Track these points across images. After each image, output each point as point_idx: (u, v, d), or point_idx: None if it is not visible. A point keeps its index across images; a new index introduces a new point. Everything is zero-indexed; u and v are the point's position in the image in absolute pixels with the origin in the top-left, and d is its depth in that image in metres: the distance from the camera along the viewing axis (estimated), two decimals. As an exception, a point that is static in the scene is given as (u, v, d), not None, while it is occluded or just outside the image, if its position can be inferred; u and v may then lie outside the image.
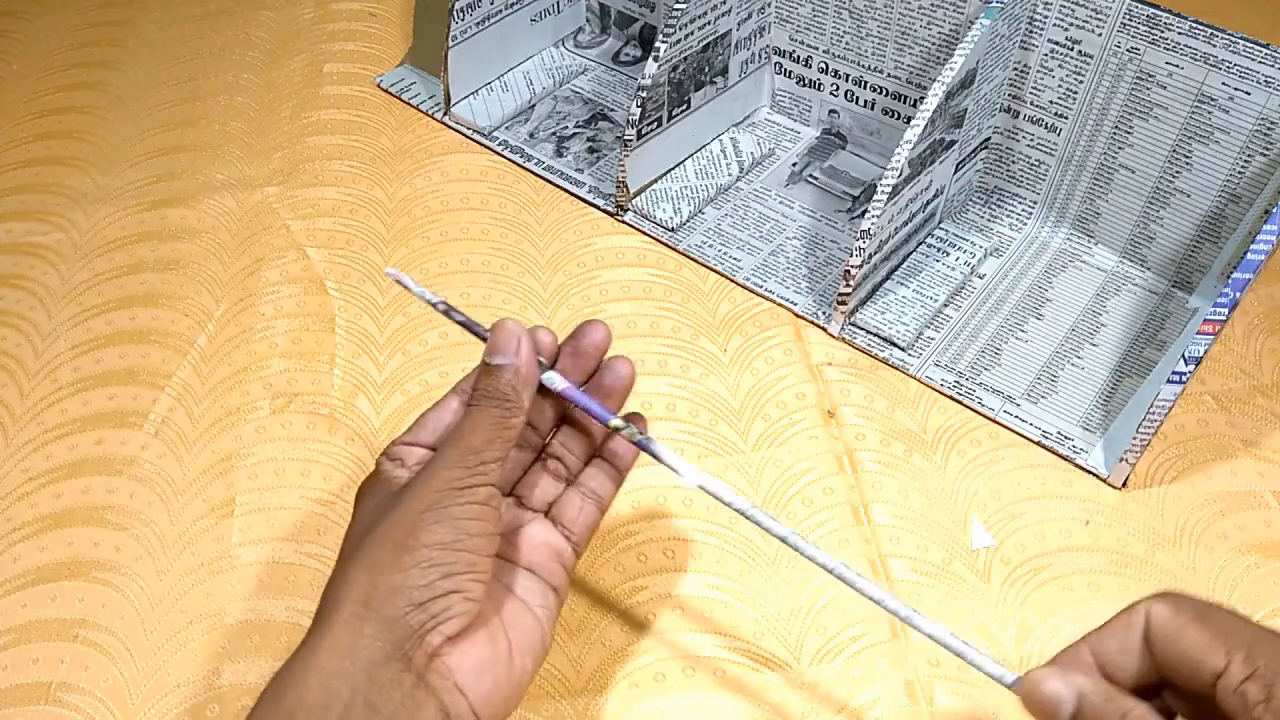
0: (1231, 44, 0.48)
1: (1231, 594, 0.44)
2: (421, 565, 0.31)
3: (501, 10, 0.66)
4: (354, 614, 0.31)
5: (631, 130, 0.57)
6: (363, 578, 0.31)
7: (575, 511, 0.38)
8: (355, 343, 0.55)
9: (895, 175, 0.50)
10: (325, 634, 0.31)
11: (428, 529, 0.32)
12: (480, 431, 0.33)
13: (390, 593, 0.31)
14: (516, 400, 0.34)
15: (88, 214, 0.62)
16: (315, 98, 0.70)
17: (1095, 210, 0.57)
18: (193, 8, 0.79)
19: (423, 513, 0.32)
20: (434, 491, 0.32)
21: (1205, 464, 0.48)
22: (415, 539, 0.31)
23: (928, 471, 0.48)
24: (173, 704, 0.41)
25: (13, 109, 0.71)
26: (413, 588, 0.31)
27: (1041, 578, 0.45)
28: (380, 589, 0.31)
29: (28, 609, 0.44)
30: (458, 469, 0.33)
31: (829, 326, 0.54)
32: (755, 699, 0.41)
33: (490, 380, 0.34)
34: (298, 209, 0.62)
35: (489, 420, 0.34)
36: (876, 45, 0.59)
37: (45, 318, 0.56)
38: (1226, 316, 0.44)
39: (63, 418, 0.51)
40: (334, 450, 0.50)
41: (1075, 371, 0.52)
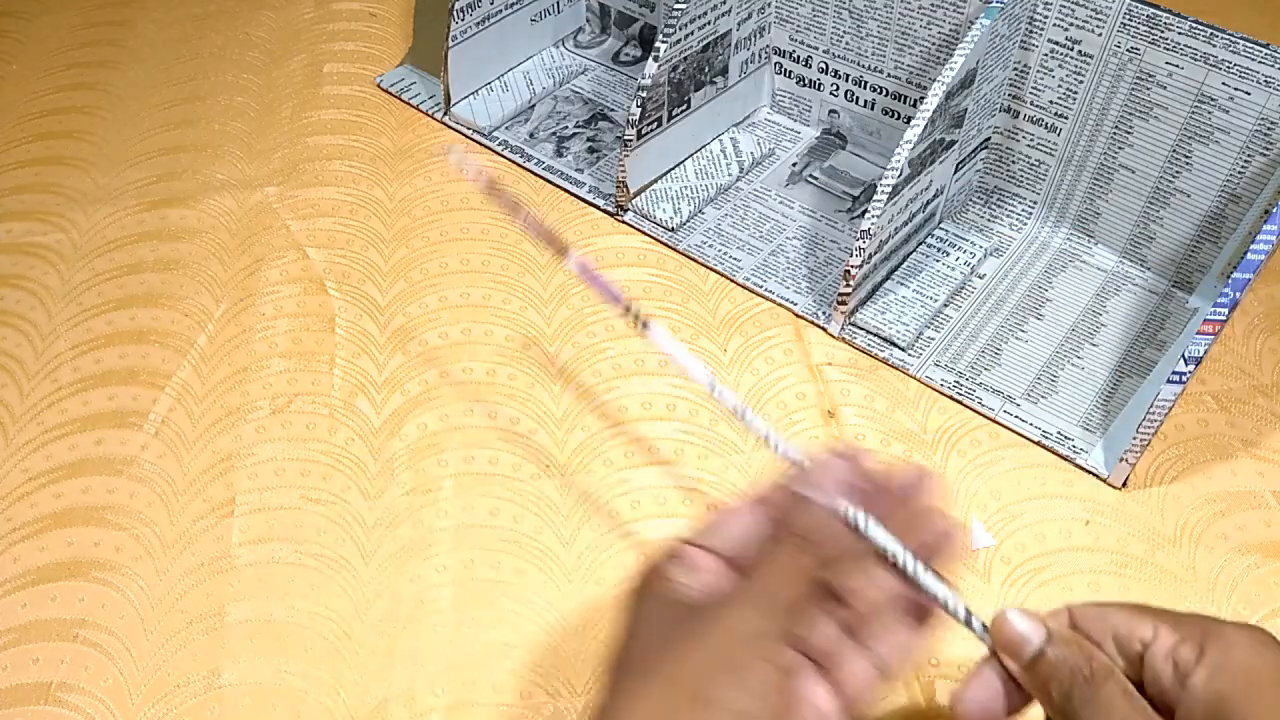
0: (1231, 44, 0.48)
1: (1231, 594, 0.44)
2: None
3: (501, 10, 0.66)
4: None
5: (631, 130, 0.57)
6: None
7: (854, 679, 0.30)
8: (355, 343, 0.55)
9: (895, 175, 0.50)
10: None
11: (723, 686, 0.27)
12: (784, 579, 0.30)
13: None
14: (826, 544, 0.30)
15: (88, 214, 0.62)
16: (315, 98, 0.70)
17: (1095, 210, 0.57)
18: (193, 8, 0.79)
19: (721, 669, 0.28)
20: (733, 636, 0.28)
21: (1205, 464, 0.48)
22: (710, 693, 0.27)
23: (928, 471, 0.48)
24: (173, 704, 0.41)
25: (13, 109, 0.71)
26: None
27: (1041, 578, 0.45)
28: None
29: (28, 609, 0.44)
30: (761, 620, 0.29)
31: (829, 326, 0.54)
32: None
33: (799, 519, 0.30)
34: (298, 209, 0.62)
35: (794, 567, 0.30)
36: (876, 45, 0.59)
37: (45, 318, 0.56)
38: (1226, 316, 0.44)
39: (63, 418, 0.51)
40: (334, 450, 0.50)
41: (1075, 371, 0.52)
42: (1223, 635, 0.27)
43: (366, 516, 0.47)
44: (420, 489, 0.48)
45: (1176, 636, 0.28)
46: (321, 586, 0.45)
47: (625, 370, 0.53)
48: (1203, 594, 0.44)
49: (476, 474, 0.49)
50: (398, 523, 0.47)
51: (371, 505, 0.48)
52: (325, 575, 0.45)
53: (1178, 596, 0.44)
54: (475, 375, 0.53)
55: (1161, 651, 0.28)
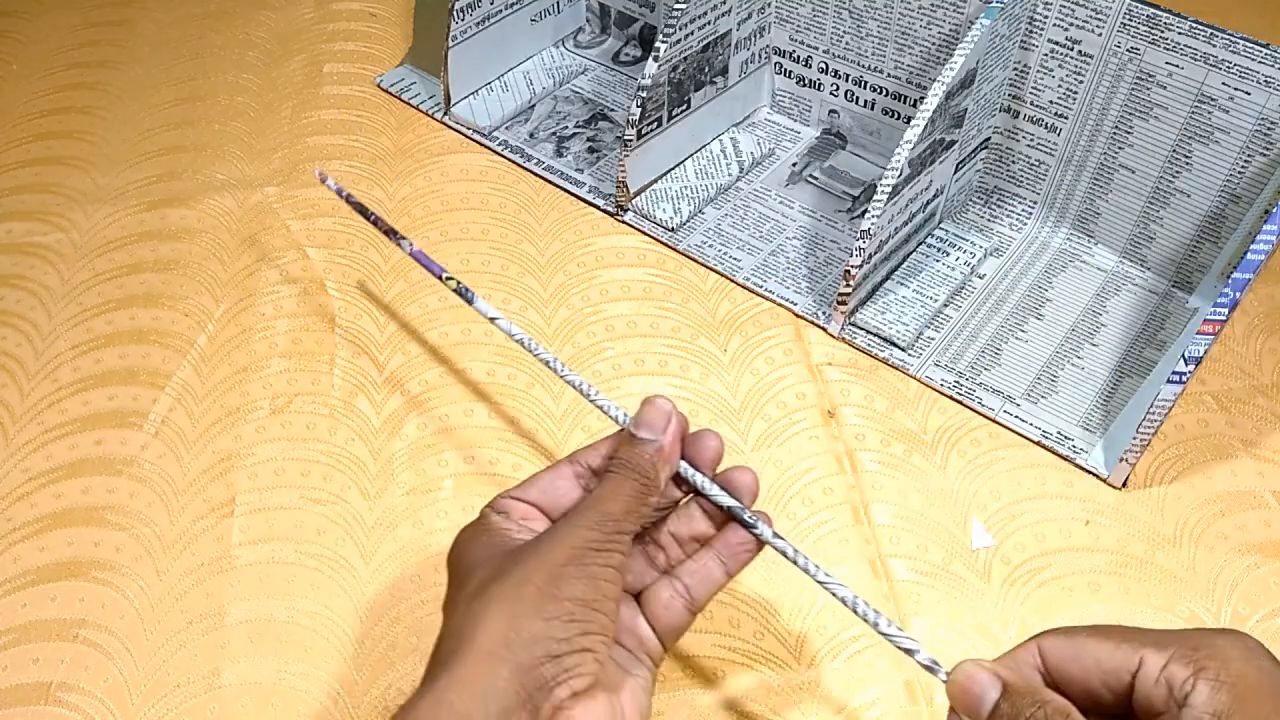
0: (1231, 44, 0.48)
1: (1231, 594, 0.44)
2: (563, 618, 0.31)
3: (501, 10, 0.66)
4: (490, 654, 0.30)
5: (631, 130, 0.57)
6: (500, 620, 0.31)
7: (664, 608, 0.36)
8: (355, 343, 0.55)
9: (895, 175, 0.50)
10: (456, 672, 0.30)
11: (570, 582, 0.31)
12: (619, 500, 0.34)
13: (531, 640, 0.30)
14: (655, 477, 0.35)
15: (88, 214, 0.62)
16: (315, 98, 0.70)
17: (1095, 210, 0.57)
18: (193, 8, 0.79)
19: (564, 565, 0.32)
20: (573, 548, 0.32)
21: (1205, 464, 0.48)
22: (559, 589, 0.31)
23: (928, 471, 0.48)
24: (173, 704, 0.41)
25: (13, 109, 0.71)
26: (553, 639, 0.30)
27: (1041, 578, 0.45)
28: (521, 634, 0.30)
29: (28, 609, 0.44)
30: (595, 531, 0.33)
31: (829, 326, 0.54)
32: (755, 699, 0.41)
33: (634, 453, 0.35)
34: (298, 209, 0.62)
35: (628, 490, 0.34)
36: (876, 45, 0.59)
37: (45, 318, 0.56)
38: (1226, 316, 0.44)
39: (63, 418, 0.51)
40: (334, 450, 0.50)
41: (1075, 371, 0.52)
42: (1215, 649, 0.27)
43: (366, 516, 0.47)
44: (420, 489, 0.48)
45: (1165, 656, 0.27)
46: (321, 586, 0.45)
47: (625, 370, 0.53)
48: (1203, 594, 0.44)
49: (476, 474, 0.49)
50: (398, 523, 0.47)
51: (371, 505, 0.48)
52: (325, 575, 0.45)
53: (1178, 596, 0.44)
54: (475, 375, 0.53)
55: (1151, 676, 0.27)
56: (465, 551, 0.34)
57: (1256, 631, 0.42)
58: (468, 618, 0.31)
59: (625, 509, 0.34)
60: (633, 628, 0.36)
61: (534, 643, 0.30)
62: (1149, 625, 0.42)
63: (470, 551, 0.34)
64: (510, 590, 0.31)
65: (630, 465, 0.34)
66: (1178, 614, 0.43)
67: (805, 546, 0.46)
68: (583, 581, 0.31)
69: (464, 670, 0.30)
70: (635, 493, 0.34)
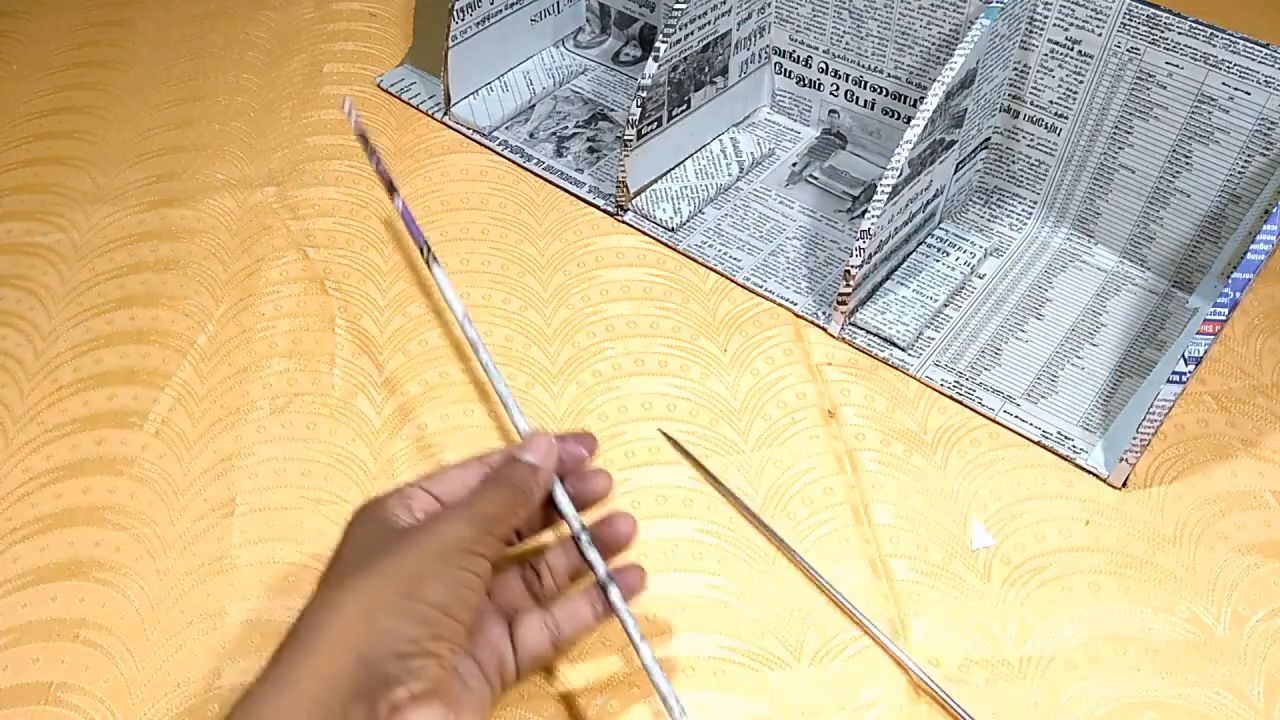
0: (1231, 44, 0.48)
1: (1231, 594, 0.44)
2: (417, 619, 0.32)
3: (501, 10, 0.66)
4: (340, 644, 0.31)
5: (631, 130, 0.57)
6: (356, 611, 0.32)
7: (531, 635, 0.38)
8: (355, 343, 0.55)
9: (895, 175, 0.50)
10: (307, 657, 0.31)
11: (431, 584, 0.32)
12: (493, 503, 0.36)
13: (380, 635, 0.31)
14: (531, 494, 0.37)
15: (88, 214, 0.62)
16: (315, 98, 0.70)
17: (1095, 210, 0.57)
18: (193, 8, 0.79)
19: (431, 562, 0.33)
20: (442, 542, 0.33)
21: (1205, 464, 0.48)
22: (419, 590, 0.32)
23: (928, 471, 0.48)
24: (173, 704, 0.41)
25: (13, 109, 0.71)
26: (402, 637, 0.31)
27: (1041, 578, 0.45)
28: (373, 628, 0.31)
29: (28, 609, 0.44)
30: (468, 529, 0.34)
31: (829, 326, 0.54)
32: (755, 699, 0.41)
33: (514, 470, 0.37)
34: (298, 209, 0.62)
35: (504, 497, 0.36)
36: (876, 45, 0.59)
37: (45, 318, 0.56)
38: (1226, 316, 0.44)
39: (63, 418, 0.51)
40: (334, 450, 0.50)
41: (1075, 371, 0.52)
42: None
43: (366, 516, 0.47)
44: (420, 489, 0.48)
45: None
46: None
47: (625, 370, 0.53)
48: (1203, 594, 0.44)
49: (476, 474, 0.49)
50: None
51: (371, 505, 0.48)
52: (325, 575, 0.45)
53: (1178, 596, 0.44)
54: (475, 375, 0.53)
55: None
56: (353, 529, 0.36)
57: (1257, 632, 0.42)
58: (328, 602, 0.32)
59: (498, 513, 0.35)
60: (496, 646, 0.38)
61: (382, 638, 0.31)
62: (1150, 625, 0.43)
63: (357, 530, 0.36)
64: (372, 582, 0.32)
65: (509, 479, 0.37)
66: (1178, 614, 0.43)
67: (805, 546, 0.46)
68: (444, 585, 0.33)
69: (315, 655, 0.31)
70: (508, 500, 0.36)
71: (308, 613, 0.33)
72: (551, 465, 0.38)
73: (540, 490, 0.38)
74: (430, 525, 0.35)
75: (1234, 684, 0.41)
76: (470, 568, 0.34)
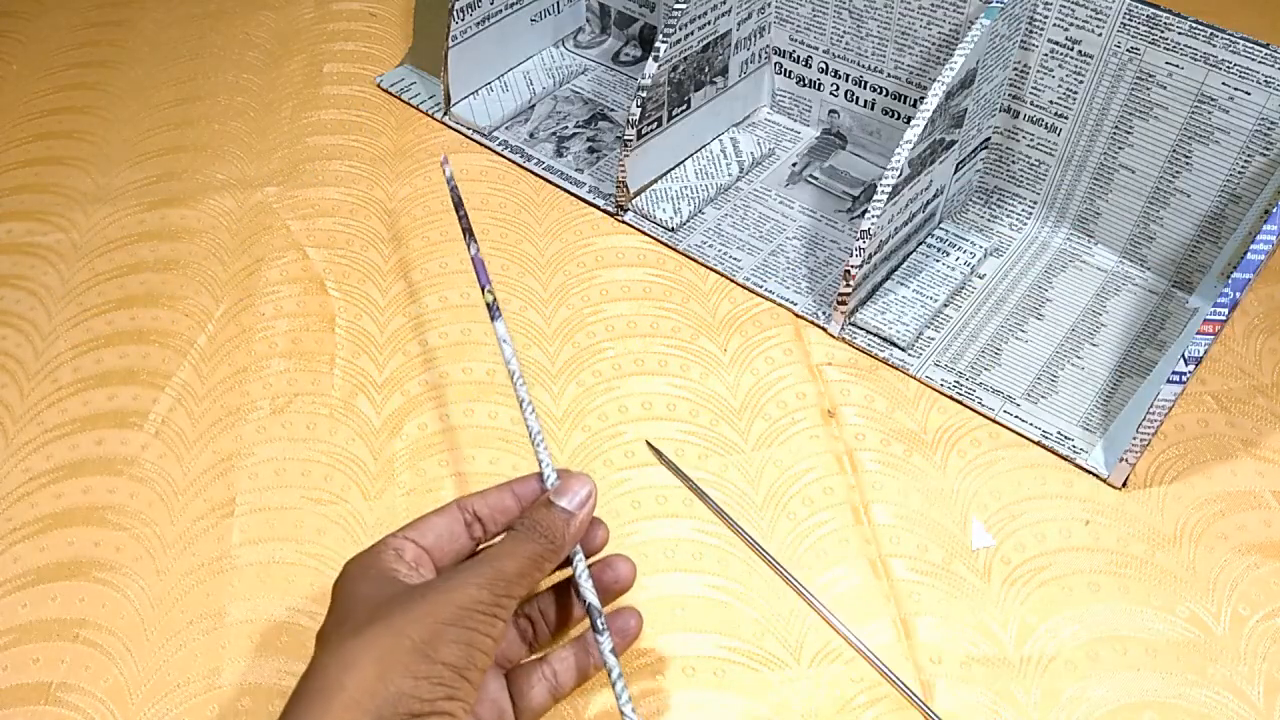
0: (1231, 44, 0.48)
1: (1231, 594, 0.44)
2: (432, 679, 0.31)
3: (501, 10, 0.66)
4: (355, 703, 0.30)
5: (631, 130, 0.57)
6: (370, 669, 0.31)
7: (530, 689, 0.38)
8: (355, 343, 0.55)
9: (895, 175, 0.50)
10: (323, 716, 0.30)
11: (448, 646, 0.31)
12: (516, 560, 0.34)
13: (396, 696, 0.30)
14: (560, 547, 0.35)
15: (88, 214, 0.62)
16: (315, 98, 0.70)
17: (1095, 210, 0.57)
18: (193, 8, 0.79)
19: (446, 624, 0.32)
20: (458, 607, 0.32)
21: (1205, 464, 0.48)
22: (435, 651, 0.31)
23: (928, 471, 0.48)
24: (173, 704, 0.41)
25: (13, 109, 0.71)
26: (417, 698, 0.31)
27: (1041, 578, 0.45)
28: (388, 688, 0.30)
29: (28, 609, 0.44)
30: (485, 591, 0.33)
31: (829, 326, 0.54)
32: (755, 699, 0.41)
33: (548, 518, 0.35)
34: (298, 209, 0.62)
35: (529, 553, 0.34)
36: (876, 45, 0.59)
37: (45, 318, 0.56)
38: (1226, 316, 0.44)
39: (63, 418, 0.51)
40: (334, 450, 0.50)
41: (1075, 371, 0.52)
42: None
43: (366, 516, 0.47)
44: (420, 489, 0.48)
45: None
46: (321, 586, 0.45)
47: (625, 370, 0.53)
48: (1203, 594, 0.44)
49: (476, 474, 0.49)
50: (398, 523, 0.46)
51: (371, 505, 0.48)
52: (325, 575, 0.45)
53: (1178, 596, 0.44)
54: (475, 375, 0.53)
55: None
56: (352, 584, 0.35)
57: (1257, 632, 0.42)
58: (340, 658, 0.31)
59: (520, 571, 0.34)
60: (497, 700, 0.37)
61: (398, 699, 0.30)
62: (1150, 625, 0.43)
63: (358, 585, 0.34)
64: (387, 640, 0.31)
65: (540, 529, 0.35)
66: (1178, 614, 0.43)
67: (805, 546, 0.46)
68: (459, 646, 0.32)
69: (329, 715, 0.30)
70: (535, 556, 0.34)
71: (317, 668, 0.32)
72: (587, 515, 0.36)
73: (571, 543, 0.36)
74: (445, 585, 0.33)
75: (1234, 684, 0.41)
76: (487, 631, 0.33)
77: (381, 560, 0.35)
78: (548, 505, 0.36)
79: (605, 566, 0.39)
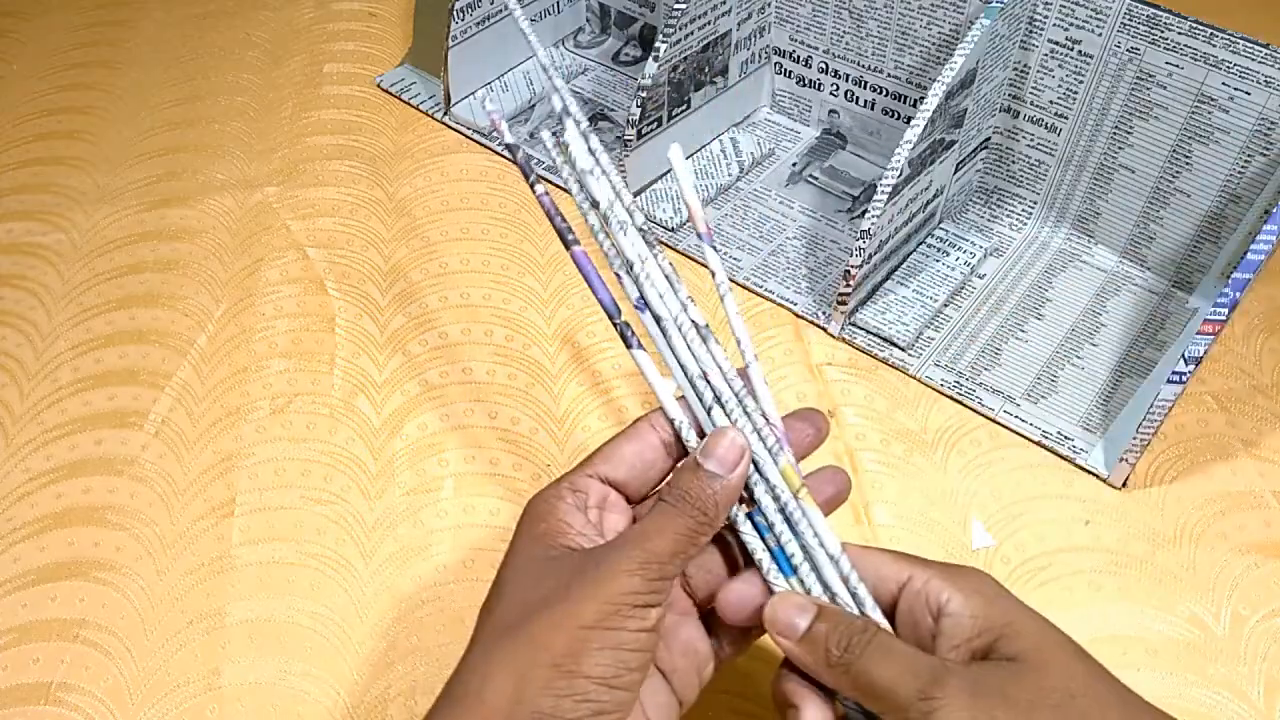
0: (1231, 44, 0.48)
1: (1231, 594, 0.44)
2: (575, 697, 0.28)
3: (501, 10, 0.66)
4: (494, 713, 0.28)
5: (631, 130, 0.57)
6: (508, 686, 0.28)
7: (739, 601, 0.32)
8: (355, 343, 0.55)
9: (895, 175, 0.50)
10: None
11: (591, 656, 0.28)
12: (668, 538, 0.30)
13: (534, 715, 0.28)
14: (715, 517, 0.31)
15: (88, 214, 0.62)
16: (315, 98, 0.70)
17: (1095, 210, 0.57)
18: (193, 8, 0.79)
19: (591, 629, 0.28)
20: (604, 604, 0.29)
21: (1205, 464, 0.48)
22: (577, 664, 0.28)
23: (928, 471, 0.48)
24: (173, 704, 0.41)
25: (13, 109, 0.71)
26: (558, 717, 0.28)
27: (1042, 578, 0.45)
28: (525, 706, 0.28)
29: (28, 609, 0.44)
30: (636, 578, 0.29)
31: (829, 326, 0.54)
32: (756, 698, 0.41)
33: (697, 485, 0.31)
34: (298, 209, 0.62)
35: (681, 528, 0.30)
36: (876, 45, 0.59)
37: (45, 318, 0.56)
38: (1226, 316, 0.44)
39: (63, 418, 0.51)
40: (334, 450, 0.50)
41: (1075, 371, 0.52)
42: (964, 571, 0.32)
43: (366, 516, 0.47)
44: (420, 489, 0.48)
45: (928, 574, 0.31)
46: (321, 586, 0.45)
47: (625, 370, 0.53)
48: (1203, 594, 0.44)
49: (476, 474, 0.49)
50: (398, 523, 0.47)
51: (371, 505, 0.48)
52: (325, 575, 0.45)
53: (1178, 596, 0.44)
54: (475, 375, 0.53)
55: (916, 587, 0.31)
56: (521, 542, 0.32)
57: (1257, 632, 0.43)
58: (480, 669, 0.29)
59: (674, 550, 0.30)
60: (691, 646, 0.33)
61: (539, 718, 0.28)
62: (1150, 625, 0.43)
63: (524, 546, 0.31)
64: (526, 653, 0.29)
65: (689, 499, 0.31)
66: (1178, 614, 0.43)
67: (805, 546, 0.46)
68: (606, 654, 0.28)
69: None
70: (688, 531, 0.30)
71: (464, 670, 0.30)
72: (740, 479, 0.32)
73: (726, 510, 0.32)
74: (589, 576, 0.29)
75: (1234, 684, 0.41)
76: (638, 627, 0.29)
77: (556, 511, 0.32)
78: (695, 470, 0.31)
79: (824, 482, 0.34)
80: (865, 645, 0.30)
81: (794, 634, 0.31)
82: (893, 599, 0.32)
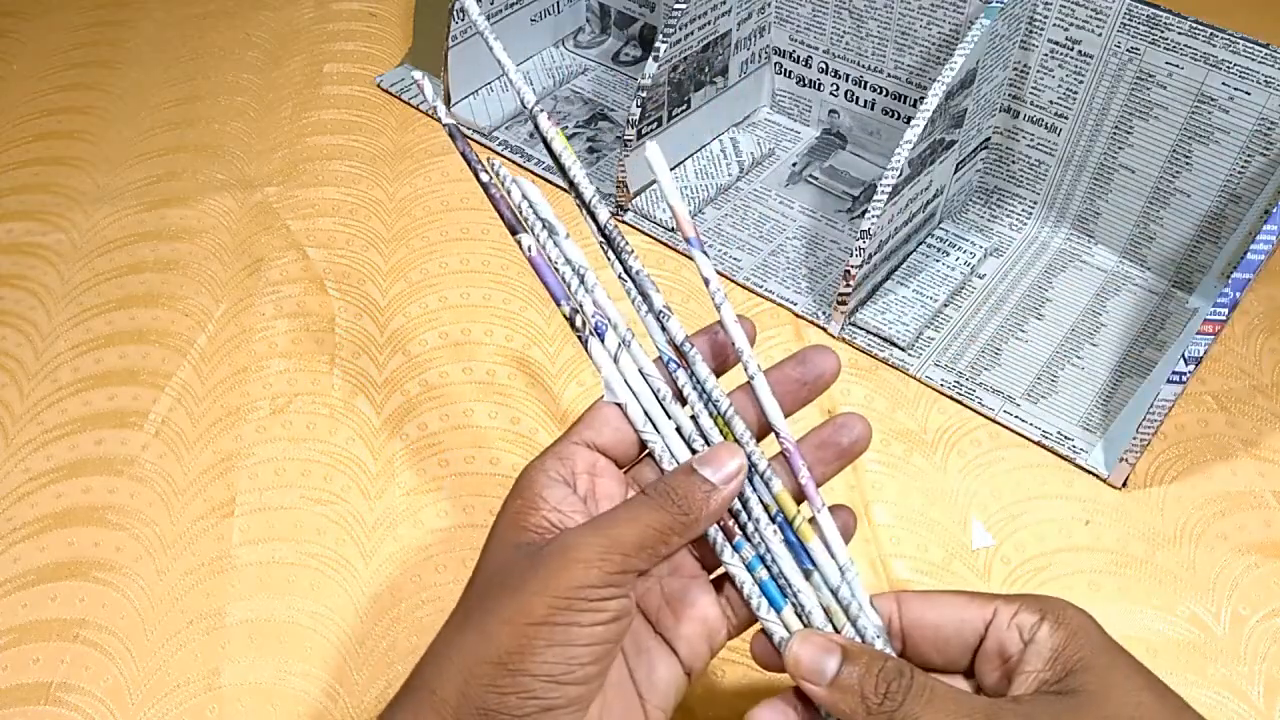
0: (1231, 44, 0.48)
1: (1231, 594, 0.44)
2: (520, 694, 0.27)
3: (501, 10, 0.66)
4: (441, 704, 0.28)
5: (631, 130, 0.57)
6: (456, 679, 0.28)
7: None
8: (355, 343, 0.55)
9: (895, 175, 0.50)
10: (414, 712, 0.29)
11: (538, 654, 0.27)
12: (637, 529, 0.29)
13: (480, 712, 0.27)
14: (694, 522, 0.30)
15: (88, 214, 0.62)
16: (315, 98, 0.70)
17: (1095, 210, 0.57)
18: (193, 8, 0.79)
19: (538, 626, 0.27)
20: (555, 598, 0.27)
21: (1205, 464, 0.48)
22: (522, 664, 0.27)
23: (928, 471, 0.48)
24: (173, 704, 0.41)
25: (13, 109, 0.71)
26: (505, 713, 0.27)
27: (1042, 578, 0.45)
28: (472, 701, 0.28)
29: (28, 609, 0.44)
30: (594, 569, 0.28)
31: (829, 326, 0.54)
32: (756, 699, 0.41)
33: (685, 484, 0.30)
34: (298, 209, 0.62)
35: (654, 522, 0.29)
36: (876, 45, 0.59)
37: (45, 318, 0.56)
38: (1226, 316, 0.44)
39: (63, 418, 0.51)
40: (334, 450, 0.50)
41: (1075, 371, 0.52)
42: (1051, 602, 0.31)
43: (366, 516, 0.47)
44: (420, 489, 0.48)
45: (1014, 607, 0.30)
46: (321, 586, 0.45)
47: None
48: (1203, 594, 0.44)
49: (476, 474, 0.49)
50: (398, 523, 0.47)
51: (371, 505, 0.48)
52: (325, 575, 0.45)
53: (1178, 596, 0.44)
54: (475, 375, 0.53)
55: (1004, 623, 0.30)
56: (495, 526, 0.31)
57: (1257, 632, 0.42)
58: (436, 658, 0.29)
59: (640, 542, 0.29)
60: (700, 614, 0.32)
61: (484, 715, 0.27)
62: (1150, 625, 0.43)
63: (496, 529, 0.31)
64: (473, 649, 0.28)
65: (673, 495, 0.30)
66: (1178, 614, 0.43)
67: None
68: (554, 653, 0.27)
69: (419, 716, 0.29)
70: (662, 526, 0.29)
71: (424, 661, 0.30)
72: (732, 492, 0.31)
73: (709, 521, 0.30)
74: (552, 559, 0.28)
75: (1234, 684, 0.41)
76: (592, 621, 0.28)
77: (535, 484, 0.31)
78: (689, 472, 0.30)
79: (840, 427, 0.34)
80: (906, 691, 0.28)
81: (822, 680, 0.29)
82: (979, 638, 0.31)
